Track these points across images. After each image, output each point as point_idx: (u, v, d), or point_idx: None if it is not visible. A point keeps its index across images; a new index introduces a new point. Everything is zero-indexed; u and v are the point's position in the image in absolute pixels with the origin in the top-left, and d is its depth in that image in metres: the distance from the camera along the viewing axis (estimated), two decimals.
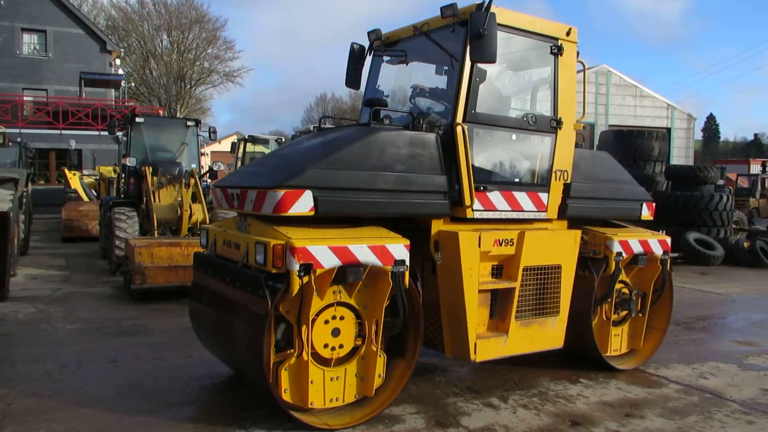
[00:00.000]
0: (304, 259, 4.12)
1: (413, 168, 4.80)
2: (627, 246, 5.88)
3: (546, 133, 5.57)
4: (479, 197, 5.10)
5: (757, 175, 28.65)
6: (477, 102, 5.09)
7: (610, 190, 6.10)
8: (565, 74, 5.68)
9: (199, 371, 5.75)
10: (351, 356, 4.60)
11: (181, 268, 8.78)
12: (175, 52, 46.46)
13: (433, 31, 5.39)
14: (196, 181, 11.69)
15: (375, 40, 6.04)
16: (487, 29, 4.71)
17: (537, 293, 5.42)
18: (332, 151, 4.61)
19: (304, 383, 4.40)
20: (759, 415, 5.03)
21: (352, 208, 4.57)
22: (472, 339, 5.01)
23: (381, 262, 4.40)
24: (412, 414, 4.81)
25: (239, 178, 5.14)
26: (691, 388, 5.68)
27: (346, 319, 4.54)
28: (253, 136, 22.18)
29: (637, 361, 6.30)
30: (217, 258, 5.09)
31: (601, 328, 6.06)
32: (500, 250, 5.18)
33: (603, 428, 4.67)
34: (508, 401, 5.17)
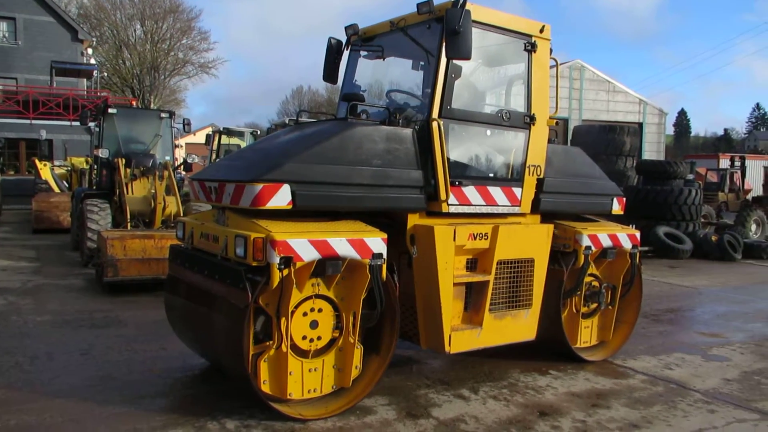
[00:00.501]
0: (284, 252, 4.17)
1: (390, 163, 4.86)
2: (596, 240, 5.99)
3: (520, 129, 5.66)
4: (454, 192, 5.18)
5: (725, 170, 29.23)
6: (452, 98, 5.16)
7: (582, 185, 6.22)
8: (539, 71, 5.76)
9: (173, 363, 5.75)
10: (329, 348, 4.67)
11: (155, 261, 8.73)
12: (149, 42, 45.84)
13: (410, 27, 5.45)
14: (170, 173, 11.60)
15: (352, 35, 6.08)
16: (462, 26, 4.77)
17: (510, 286, 5.53)
18: (310, 145, 4.66)
19: (283, 375, 4.45)
20: (720, 404, 5.20)
21: (330, 202, 4.63)
22: (447, 331, 5.11)
23: (359, 256, 4.47)
24: (384, 405, 4.88)
25: (217, 172, 5.14)
26: (657, 378, 5.84)
27: (324, 311, 4.60)
28: (228, 128, 22.05)
29: (605, 352, 6.44)
30: (194, 251, 5.09)
31: (570, 320, 6.19)
32: (475, 244, 5.28)
33: (570, 418, 4.79)
34: (479, 392, 5.27)
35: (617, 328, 6.54)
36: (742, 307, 9.50)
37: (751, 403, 5.25)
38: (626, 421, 4.78)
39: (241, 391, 5.03)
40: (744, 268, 13.76)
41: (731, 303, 9.80)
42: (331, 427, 4.46)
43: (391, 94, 5.91)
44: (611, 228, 6.29)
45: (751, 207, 21.14)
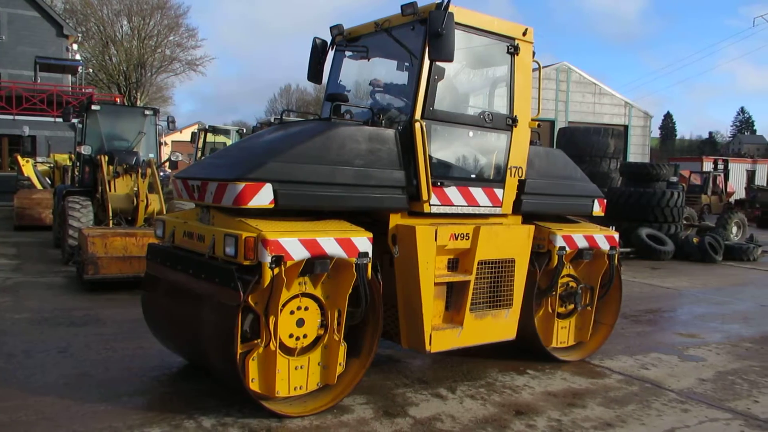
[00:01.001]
0: (276, 252, 4.19)
1: (372, 163, 4.89)
2: (570, 240, 6.03)
3: (502, 131, 5.70)
4: (436, 192, 5.22)
5: (709, 173, 29.55)
6: (435, 99, 5.20)
7: (564, 187, 6.27)
8: (521, 73, 5.82)
9: (151, 362, 5.73)
10: (314, 346, 4.70)
11: (136, 259, 8.69)
12: (136, 39, 45.51)
13: (394, 28, 5.48)
14: (153, 171, 11.55)
15: (337, 35, 6.11)
16: (445, 28, 4.81)
17: (491, 286, 5.57)
18: (293, 145, 4.69)
19: (271, 373, 4.46)
20: (694, 404, 5.26)
21: (312, 202, 4.65)
22: (428, 330, 5.15)
23: (346, 254, 4.52)
24: (362, 404, 4.90)
25: (200, 170, 5.15)
26: (633, 378, 5.90)
27: (310, 309, 4.63)
28: (214, 126, 21.92)
29: (582, 353, 6.47)
30: (176, 249, 5.06)
31: (545, 320, 6.21)
32: (456, 244, 5.32)
33: (546, 417, 4.83)
34: (456, 392, 5.30)
35: (596, 330, 6.58)
36: (720, 308, 9.62)
37: (724, 402, 5.33)
38: (601, 420, 4.83)
39: (217, 389, 5.03)
40: (724, 270, 13.92)
41: (710, 304, 9.92)
42: (308, 425, 4.47)
43: (376, 94, 5.94)
44: (588, 229, 6.32)
45: (733, 210, 21.39)
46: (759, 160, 46.00)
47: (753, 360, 6.68)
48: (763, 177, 39.35)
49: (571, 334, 6.46)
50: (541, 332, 6.13)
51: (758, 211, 26.87)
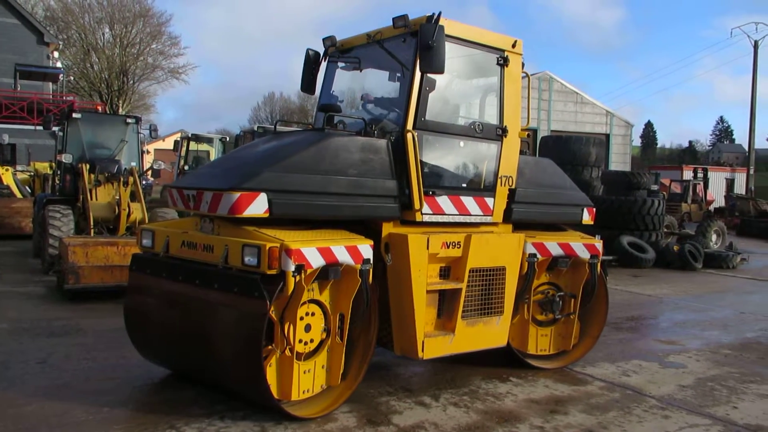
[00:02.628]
0: (298, 260, 4.32)
1: (365, 173, 4.99)
2: (542, 248, 6.02)
3: (492, 141, 5.79)
4: (428, 201, 5.30)
5: (689, 181, 29.92)
6: (427, 110, 5.30)
7: (553, 196, 6.36)
8: (511, 84, 5.92)
9: (133, 372, 5.68)
10: (318, 349, 4.80)
11: (118, 268, 8.62)
12: (118, 46, 45.23)
13: (386, 40, 5.58)
14: (135, 179, 11.47)
15: (330, 47, 6.16)
16: (435, 41, 4.91)
17: (482, 294, 5.62)
18: (287, 155, 4.79)
19: (287, 378, 4.55)
20: (674, 410, 5.33)
21: (306, 211, 4.75)
22: (420, 337, 5.19)
23: (353, 261, 4.68)
24: (345, 413, 4.89)
25: (195, 179, 5.20)
26: (614, 385, 5.95)
27: (315, 315, 4.74)
28: (197, 134, 21.88)
29: (563, 362, 6.44)
30: (172, 260, 5.04)
31: (520, 326, 6.17)
32: (448, 252, 5.38)
33: (528, 424, 4.86)
34: (440, 399, 5.31)
35: (580, 339, 6.56)
36: (700, 315, 9.74)
37: (704, 408, 5.40)
38: (583, 426, 4.87)
39: (200, 399, 5.00)
40: (704, 278, 14.09)
41: (690, 311, 10.04)
42: None
43: (368, 105, 6.02)
44: (565, 237, 6.35)
45: (713, 218, 21.69)
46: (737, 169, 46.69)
47: (732, 366, 6.77)
48: (742, 185, 39.92)
49: (552, 343, 6.42)
50: (513, 337, 6.07)
51: (737, 219, 27.25)
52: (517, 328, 6.17)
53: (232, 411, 4.80)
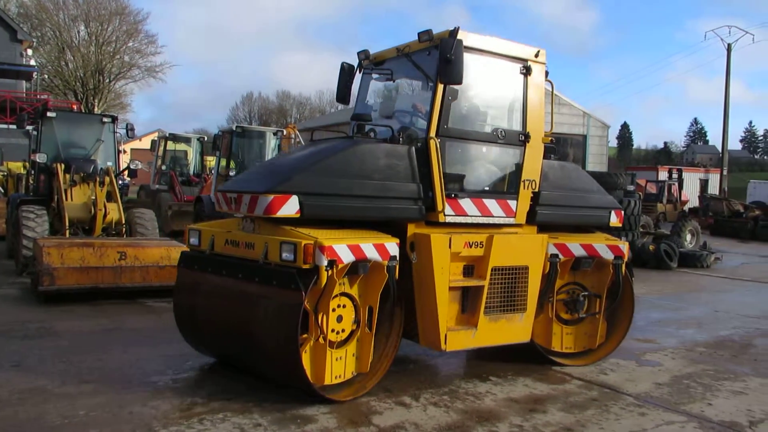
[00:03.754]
0: (331, 256, 4.74)
1: (390, 177, 5.36)
2: (564, 249, 6.24)
3: (515, 146, 6.07)
4: (451, 203, 5.62)
5: (664, 182, 30.32)
6: (449, 118, 5.64)
7: (579, 199, 6.57)
8: (534, 92, 6.19)
9: (111, 376, 5.61)
10: (349, 339, 5.20)
11: (94, 270, 8.51)
12: (94, 45, 44.65)
13: (413, 53, 5.96)
14: (111, 179, 11.32)
15: (364, 60, 6.57)
16: (454, 54, 5.26)
17: (505, 291, 5.88)
18: (317, 160, 5.25)
19: (321, 363, 4.96)
20: (651, 408, 5.40)
21: (335, 212, 5.17)
22: (443, 331, 5.50)
23: (381, 258, 5.07)
24: (325, 414, 4.88)
25: (236, 184, 5.73)
26: (592, 383, 6.02)
27: (347, 307, 5.16)
28: (175, 134, 21.67)
29: (587, 360, 6.60)
30: (217, 256, 5.51)
31: (545, 324, 6.39)
32: (470, 252, 5.67)
33: (507, 423, 4.90)
34: (420, 399, 5.33)
35: (606, 338, 6.71)
36: (675, 314, 9.89)
37: (680, 406, 5.48)
38: (561, 425, 4.91)
39: (179, 404, 4.96)
40: (679, 277, 14.30)
41: (666, 310, 10.18)
42: None
43: (399, 114, 6.40)
44: (588, 238, 6.53)
45: (687, 218, 21.99)
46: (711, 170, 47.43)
47: (707, 364, 6.88)
48: (716, 186, 40.58)
49: (577, 341, 6.58)
50: (538, 335, 6.32)
51: (711, 219, 27.67)
52: (542, 325, 6.39)
53: (211, 413, 4.77)
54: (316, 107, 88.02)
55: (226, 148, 15.13)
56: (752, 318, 9.70)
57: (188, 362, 6.06)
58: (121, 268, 8.75)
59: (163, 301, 8.92)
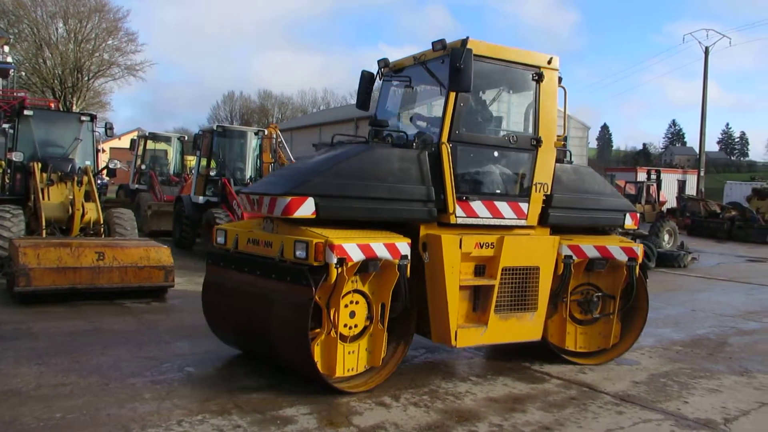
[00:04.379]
0: (340, 254, 4.98)
1: (403, 180, 5.59)
2: (578, 250, 6.37)
3: (527, 151, 6.25)
4: (462, 206, 5.84)
5: (642, 183, 30.69)
6: (461, 124, 5.85)
7: (592, 201, 6.68)
8: (547, 97, 6.34)
9: (88, 378, 5.54)
10: (362, 334, 5.45)
11: (71, 270, 8.41)
12: (72, 42, 44.09)
13: (429, 62, 6.21)
14: (89, 178, 11.19)
15: (384, 68, 6.81)
16: (463, 63, 5.47)
17: (516, 291, 6.06)
18: (333, 164, 5.52)
19: (332, 356, 5.24)
20: (628, 406, 5.46)
21: (349, 213, 5.42)
22: (453, 327, 5.73)
23: (392, 257, 5.31)
24: (305, 414, 4.87)
25: (259, 186, 6.06)
26: (571, 382, 6.07)
27: (359, 303, 5.42)
28: (155, 133, 21.47)
29: (601, 359, 6.71)
30: (240, 254, 5.82)
31: (559, 323, 6.54)
32: (481, 252, 5.88)
33: (487, 423, 4.92)
34: (400, 400, 5.34)
35: (621, 338, 6.82)
36: (653, 313, 9.92)
37: (656, 404, 5.55)
38: (540, 424, 4.95)
39: (159, 408, 4.92)
40: (657, 277, 14.46)
41: None
42: None
43: (416, 120, 6.62)
44: (602, 240, 6.64)
45: (665, 218, 22.28)
46: (689, 171, 48.08)
47: (683, 362, 6.97)
48: (693, 187, 41.13)
49: (591, 341, 6.70)
50: (552, 334, 6.49)
51: (688, 220, 28.04)
52: (556, 325, 6.54)
53: (190, 415, 4.74)
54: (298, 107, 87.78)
55: (207, 148, 15.01)
56: (728, 317, 9.85)
57: (166, 364, 6.02)
58: (99, 268, 8.65)
59: (141, 302, 8.85)
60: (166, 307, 8.76)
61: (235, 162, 15.31)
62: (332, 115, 59.16)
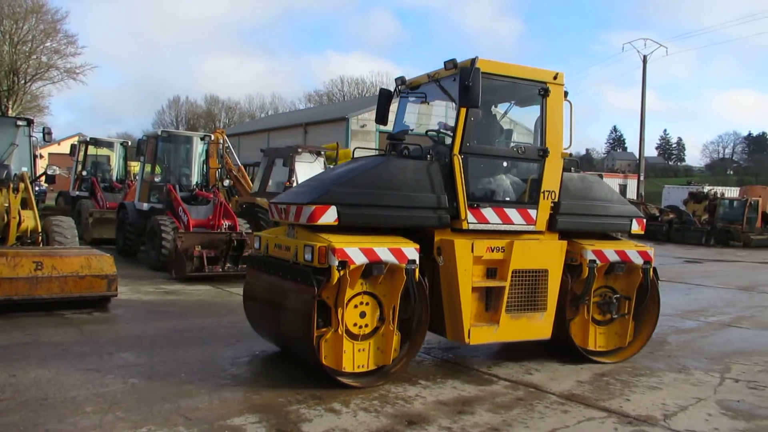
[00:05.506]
0: (341, 257, 5.43)
1: (417, 189, 6.06)
2: (601, 255, 6.78)
3: (534, 161, 6.67)
4: (473, 213, 6.28)
5: None
6: (471, 136, 6.31)
7: (599, 208, 7.06)
8: (553, 111, 6.73)
9: (25, 393, 5.31)
10: (373, 334, 5.88)
11: (7, 281, 8.07)
12: (7, 44, 42.37)
13: (442, 79, 6.73)
14: (27, 185, 10.75)
15: (401, 85, 7.37)
16: (471, 81, 5.92)
17: (526, 292, 6.47)
18: (353, 176, 6.04)
19: (339, 352, 5.66)
20: (573, 405, 5.60)
21: (369, 220, 5.90)
22: (467, 326, 6.19)
23: (397, 261, 5.71)
24: (254, 423, 4.81)
25: (287, 196, 6.54)
26: (518, 383, 6.18)
27: (370, 305, 5.87)
28: (96, 138, 20.85)
29: (618, 357, 7.12)
30: (268, 258, 6.38)
31: (581, 324, 6.93)
32: (492, 256, 6.32)
33: (437, 426, 4.96)
34: (350, 405, 5.32)
35: (634, 337, 7.23)
36: None
37: (600, 402, 5.70)
38: (489, 425, 5.02)
39: (101, 424, 4.77)
40: None
41: None
42: None
43: (431, 133, 7.09)
44: (622, 245, 7.06)
45: None
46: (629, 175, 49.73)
47: (625, 361, 7.17)
48: (634, 191, 42.52)
49: (609, 340, 7.12)
50: (576, 335, 6.88)
51: None
52: (579, 326, 6.95)
53: (134, 428, 4.61)
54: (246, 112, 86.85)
55: (151, 154, 14.67)
56: (666, 316, 10.19)
57: (109, 376, 5.84)
58: (37, 278, 8.33)
59: (83, 312, 8.57)
60: (109, 317, 8.50)
61: (181, 168, 15.02)
62: (281, 121, 58.69)
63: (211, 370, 6.16)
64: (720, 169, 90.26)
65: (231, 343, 7.26)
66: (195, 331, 7.81)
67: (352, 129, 40.78)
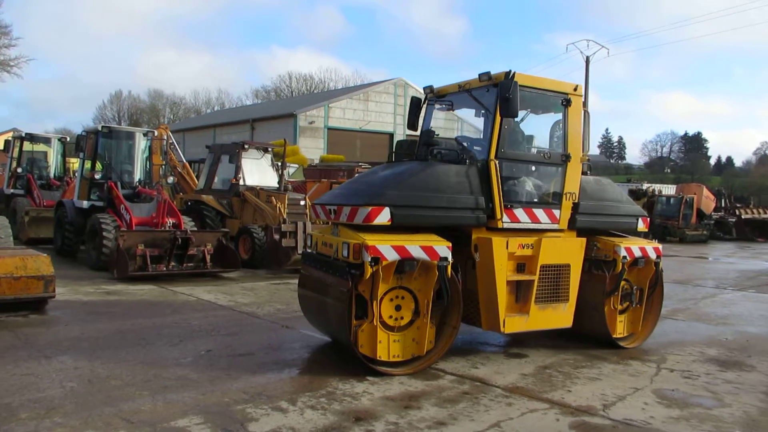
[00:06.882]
0: (374, 254, 5.89)
1: (459, 192, 6.57)
2: (630, 251, 7.47)
3: (558, 165, 7.27)
4: (507, 213, 6.83)
5: None
6: (505, 143, 6.85)
7: (611, 208, 7.73)
8: (574, 119, 7.35)
9: (5, 399, 5.10)
10: (409, 326, 6.34)
11: None
12: None
13: (473, 90, 7.26)
14: None
15: (429, 93, 7.96)
16: (511, 94, 6.45)
17: (551, 285, 7.07)
18: (403, 179, 6.49)
19: (374, 342, 6.14)
20: (517, 397, 5.72)
21: (417, 220, 6.39)
22: (502, 317, 6.75)
23: (429, 258, 6.14)
24: (199, 424, 4.73)
25: (334, 198, 6.94)
26: (464, 378, 6.28)
27: (405, 299, 6.32)
28: (32, 134, 20.09)
29: (636, 341, 7.91)
30: (317, 254, 6.88)
31: (610, 315, 7.60)
32: (523, 252, 6.87)
33: (384, 421, 4.99)
34: (297, 403, 5.31)
35: (645, 323, 8.01)
36: None
37: (543, 394, 5.85)
38: (435, 419, 5.08)
39: (34, 427, 4.60)
40: None
41: None
42: None
43: (461, 139, 7.55)
44: (640, 242, 7.81)
45: None
46: None
47: (567, 354, 7.39)
48: None
49: (626, 327, 7.90)
50: (609, 325, 7.55)
51: None
52: (609, 316, 7.57)
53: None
54: (191, 107, 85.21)
55: (91, 150, 14.21)
56: None
57: (46, 380, 5.65)
58: None
59: (18, 315, 8.26)
60: (47, 320, 8.21)
61: (123, 164, 14.60)
62: (227, 116, 57.79)
63: (155, 371, 6.03)
64: (658, 168, 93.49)
65: (175, 344, 7.13)
66: (138, 332, 7.63)
67: (300, 125, 40.53)
